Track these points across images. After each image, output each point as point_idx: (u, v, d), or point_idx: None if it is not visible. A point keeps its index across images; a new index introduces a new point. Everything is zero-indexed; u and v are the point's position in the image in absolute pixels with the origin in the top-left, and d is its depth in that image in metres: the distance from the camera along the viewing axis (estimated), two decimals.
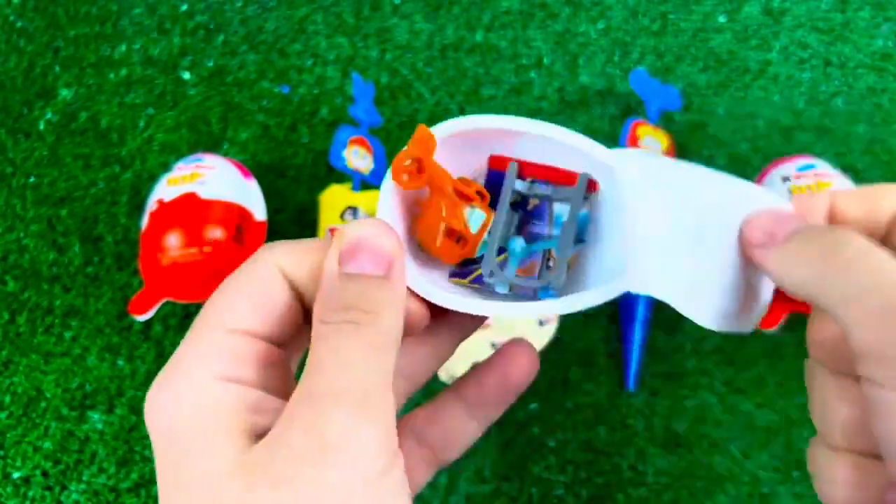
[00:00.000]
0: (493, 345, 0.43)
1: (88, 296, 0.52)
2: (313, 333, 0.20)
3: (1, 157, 0.58)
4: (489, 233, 0.27)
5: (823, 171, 0.45)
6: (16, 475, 0.46)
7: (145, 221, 0.48)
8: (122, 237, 0.54)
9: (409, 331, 0.22)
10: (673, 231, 0.25)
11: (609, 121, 0.56)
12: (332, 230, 0.49)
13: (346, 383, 0.19)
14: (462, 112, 0.57)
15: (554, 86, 0.58)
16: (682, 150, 0.54)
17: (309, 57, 0.61)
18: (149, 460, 0.46)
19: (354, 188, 0.50)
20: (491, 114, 0.26)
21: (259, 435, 0.19)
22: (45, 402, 0.48)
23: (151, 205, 0.48)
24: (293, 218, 0.54)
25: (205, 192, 0.47)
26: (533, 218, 0.28)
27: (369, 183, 0.51)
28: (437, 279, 0.27)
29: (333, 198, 0.50)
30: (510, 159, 0.27)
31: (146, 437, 0.47)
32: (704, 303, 0.24)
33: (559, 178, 0.27)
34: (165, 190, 0.48)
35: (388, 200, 0.26)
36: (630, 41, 0.59)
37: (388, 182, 0.26)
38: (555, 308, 0.25)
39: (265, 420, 0.20)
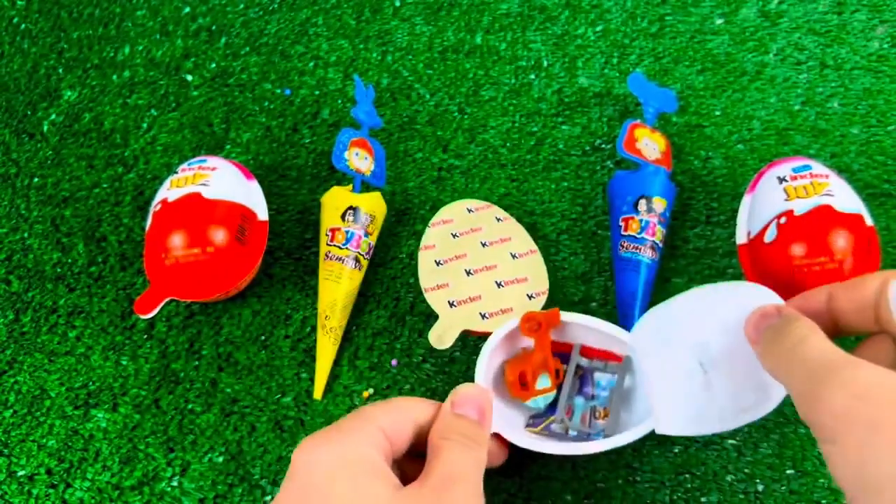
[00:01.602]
0: (482, 315, 0.44)
1: (92, 295, 0.52)
2: (432, 445, 0.34)
3: (5, 157, 0.58)
4: (560, 390, 0.42)
5: (819, 173, 0.46)
6: (20, 473, 0.47)
7: (149, 222, 0.49)
8: (126, 237, 0.54)
9: (491, 460, 0.37)
10: (677, 377, 0.37)
11: (607, 122, 0.56)
12: (332, 230, 0.50)
13: (463, 473, 0.32)
14: (462, 112, 0.58)
15: (553, 88, 0.58)
16: (678, 151, 0.55)
17: (310, 59, 0.61)
18: (152, 458, 0.46)
19: (355, 189, 0.51)
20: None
21: (398, 485, 0.31)
22: (50, 401, 0.49)
23: (155, 205, 0.49)
24: (295, 218, 0.54)
25: (207, 193, 0.48)
26: (582, 385, 0.43)
27: (370, 184, 0.52)
28: (514, 423, 0.42)
29: (335, 199, 0.50)
30: (571, 344, 0.44)
31: (150, 435, 0.47)
32: (714, 420, 0.36)
33: (603, 355, 0.43)
34: (169, 191, 0.49)
35: (485, 361, 0.42)
36: (628, 43, 0.60)
37: (489, 347, 0.42)
38: (605, 446, 0.39)
39: (398, 477, 0.32)
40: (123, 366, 0.49)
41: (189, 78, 0.61)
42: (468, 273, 0.46)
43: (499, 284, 0.46)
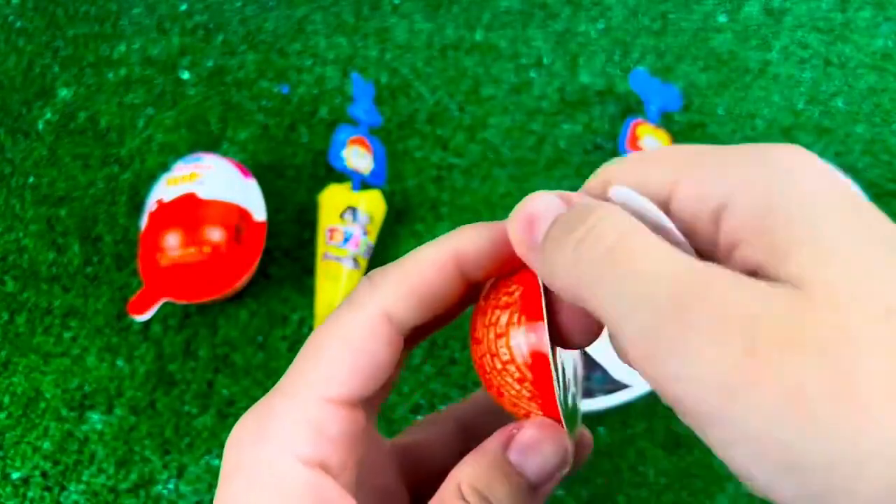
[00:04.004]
0: None
1: (88, 296, 0.52)
2: (449, 486, 0.19)
3: (0, 156, 0.58)
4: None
5: None
6: (15, 476, 0.46)
7: (144, 221, 0.48)
8: (122, 237, 0.53)
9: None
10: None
11: (609, 120, 0.56)
12: (331, 230, 0.49)
13: None
14: (462, 110, 0.57)
15: (554, 85, 0.58)
16: None
17: (308, 57, 0.60)
18: (148, 461, 0.46)
19: (354, 188, 0.50)
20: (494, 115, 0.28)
21: None
22: (45, 403, 0.48)
23: (151, 205, 0.48)
24: (293, 218, 0.54)
25: (204, 193, 0.47)
26: None
27: (369, 183, 0.51)
28: None
29: (333, 197, 0.50)
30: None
31: (145, 437, 0.47)
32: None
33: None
34: (165, 190, 0.48)
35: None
36: (630, 41, 0.59)
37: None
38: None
39: None
40: (119, 367, 0.49)
41: (185, 76, 0.60)
42: None
43: None
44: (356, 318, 0.19)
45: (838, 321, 0.13)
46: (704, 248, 0.17)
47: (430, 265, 0.19)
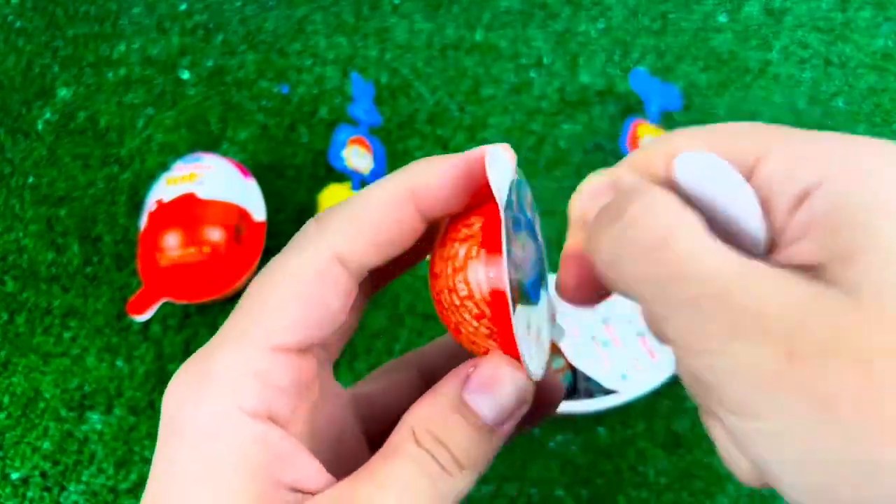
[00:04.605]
0: None
1: (87, 296, 0.51)
2: (396, 436, 0.17)
3: (0, 156, 0.58)
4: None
5: None
6: (14, 476, 0.46)
7: (144, 221, 0.48)
8: (122, 237, 0.53)
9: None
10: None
11: (609, 120, 0.56)
12: None
13: None
14: (462, 110, 0.57)
15: (554, 85, 0.58)
16: None
17: (308, 56, 0.60)
18: (148, 461, 0.46)
19: (354, 188, 0.50)
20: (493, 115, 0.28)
21: (273, 487, 0.17)
22: (44, 403, 0.48)
23: (150, 205, 0.48)
24: (292, 218, 0.53)
25: (203, 193, 0.47)
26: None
27: (369, 182, 0.51)
28: None
29: (333, 197, 0.50)
30: None
31: (145, 437, 0.46)
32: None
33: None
34: (164, 190, 0.48)
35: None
36: (630, 41, 0.59)
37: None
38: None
39: (286, 477, 0.17)
40: (119, 367, 0.49)
41: (185, 76, 0.60)
42: None
43: None
44: (302, 260, 0.18)
45: (882, 335, 0.13)
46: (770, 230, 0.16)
47: (384, 203, 0.18)
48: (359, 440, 0.21)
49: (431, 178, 0.18)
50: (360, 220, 0.18)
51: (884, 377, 0.12)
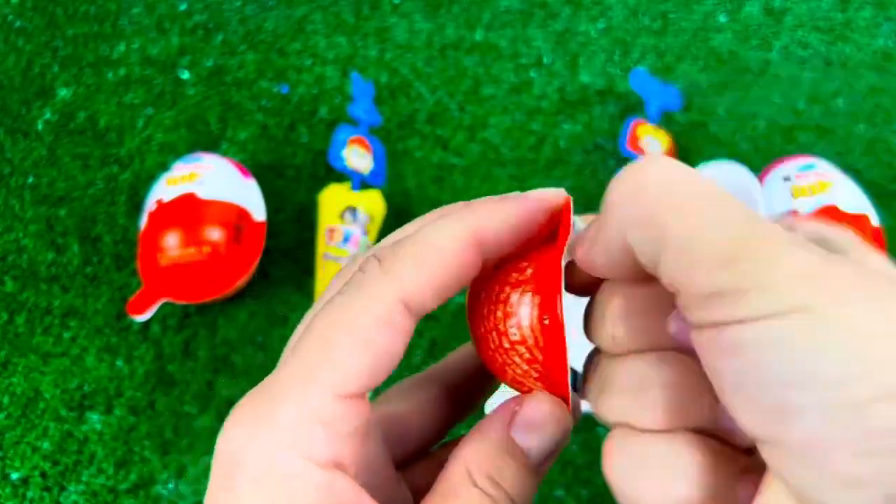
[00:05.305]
0: None
1: (87, 296, 0.51)
2: (448, 473, 0.18)
3: (0, 156, 0.58)
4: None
5: (824, 171, 0.45)
6: (14, 476, 0.46)
7: (144, 221, 0.48)
8: (121, 237, 0.53)
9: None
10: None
11: (609, 120, 0.56)
12: (331, 230, 0.49)
13: None
14: (462, 110, 0.57)
15: (554, 85, 0.57)
16: (682, 150, 0.54)
17: (308, 56, 0.60)
18: (147, 461, 0.46)
19: (354, 188, 0.50)
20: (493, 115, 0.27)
21: None
22: (44, 403, 0.48)
23: (150, 205, 0.48)
24: (292, 218, 0.53)
25: (203, 193, 0.47)
26: None
27: (369, 183, 0.51)
28: None
29: (332, 197, 0.50)
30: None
31: (145, 437, 0.46)
32: None
33: None
34: (164, 190, 0.48)
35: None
36: (630, 40, 0.59)
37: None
38: None
39: None
40: (118, 367, 0.49)
41: (185, 75, 0.60)
42: None
43: None
44: (370, 308, 0.17)
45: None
46: None
47: (450, 247, 0.18)
48: (389, 465, 0.21)
49: (496, 221, 0.18)
50: (427, 265, 0.18)
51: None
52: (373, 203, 0.50)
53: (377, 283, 0.17)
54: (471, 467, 0.18)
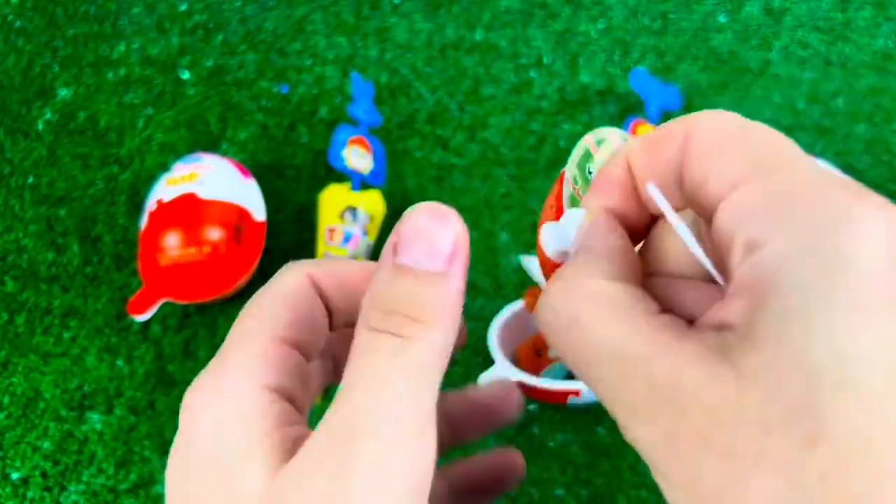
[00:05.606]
0: None
1: (87, 296, 0.51)
2: (355, 340, 0.18)
3: (0, 156, 0.58)
4: None
5: None
6: (15, 476, 0.46)
7: (144, 221, 0.48)
8: (121, 237, 0.53)
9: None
10: None
11: (609, 120, 0.56)
12: (331, 230, 0.49)
13: (378, 420, 0.16)
14: (462, 110, 0.57)
15: (554, 85, 0.58)
16: None
17: (308, 56, 0.60)
18: (148, 461, 0.46)
19: (354, 188, 0.50)
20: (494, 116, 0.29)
21: (289, 450, 0.17)
22: (44, 403, 0.48)
23: (150, 205, 0.48)
24: (292, 218, 0.53)
25: (204, 193, 0.47)
26: None
27: (369, 183, 0.51)
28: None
29: (333, 197, 0.50)
30: None
31: (145, 437, 0.46)
32: None
33: None
34: (164, 190, 0.48)
35: (495, 334, 0.37)
36: (630, 40, 0.59)
37: (498, 321, 0.40)
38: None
39: (295, 433, 0.18)
40: (118, 367, 0.49)
41: (185, 75, 0.60)
42: None
43: None
44: (284, 277, 0.21)
45: (750, 438, 0.13)
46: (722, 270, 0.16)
47: (352, 262, 0.22)
48: None
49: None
50: (329, 260, 0.22)
51: (742, 475, 0.13)
52: (373, 203, 0.50)
53: (286, 269, 0.21)
54: (366, 314, 0.18)
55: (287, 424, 0.18)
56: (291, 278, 0.21)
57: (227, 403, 0.18)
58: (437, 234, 0.17)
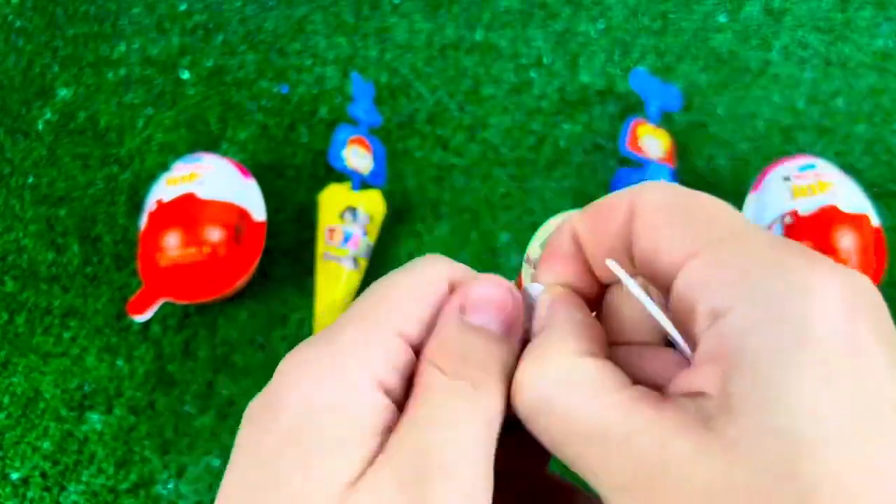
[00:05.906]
0: None
1: (87, 296, 0.51)
2: (420, 378, 0.18)
3: (0, 156, 0.58)
4: None
5: (824, 171, 0.45)
6: (14, 476, 0.46)
7: (144, 221, 0.48)
8: (121, 237, 0.53)
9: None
10: None
11: (609, 120, 0.56)
12: (331, 230, 0.49)
13: (457, 463, 0.16)
14: (462, 110, 0.57)
15: (554, 85, 0.58)
16: (682, 150, 0.54)
17: (308, 56, 0.60)
18: (148, 461, 0.46)
19: (354, 188, 0.50)
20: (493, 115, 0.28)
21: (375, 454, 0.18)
22: (44, 403, 0.48)
23: (150, 205, 0.48)
24: (292, 218, 0.53)
25: (203, 193, 0.47)
26: None
27: (369, 183, 0.51)
28: None
29: (332, 197, 0.50)
30: None
31: (145, 437, 0.46)
32: None
33: None
34: (164, 190, 0.48)
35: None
36: (630, 40, 0.59)
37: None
38: None
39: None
40: (118, 367, 0.49)
41: (185, 76, 0.60)
42: None
43: None
44: (422, 271, 0.19)
45: None
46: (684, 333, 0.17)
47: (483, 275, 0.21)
48: None
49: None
50: (462, 266, 0.20)
51: None
52: (373, 203, 0.50)
53: (423, 263, 0.20)
54: (436, 360, 0.18)
55: (385, 432, 0.18)
56: (434, 274, 0.19)
57: (338, 388, 0.17)
58: (504, 303, 0.19)
